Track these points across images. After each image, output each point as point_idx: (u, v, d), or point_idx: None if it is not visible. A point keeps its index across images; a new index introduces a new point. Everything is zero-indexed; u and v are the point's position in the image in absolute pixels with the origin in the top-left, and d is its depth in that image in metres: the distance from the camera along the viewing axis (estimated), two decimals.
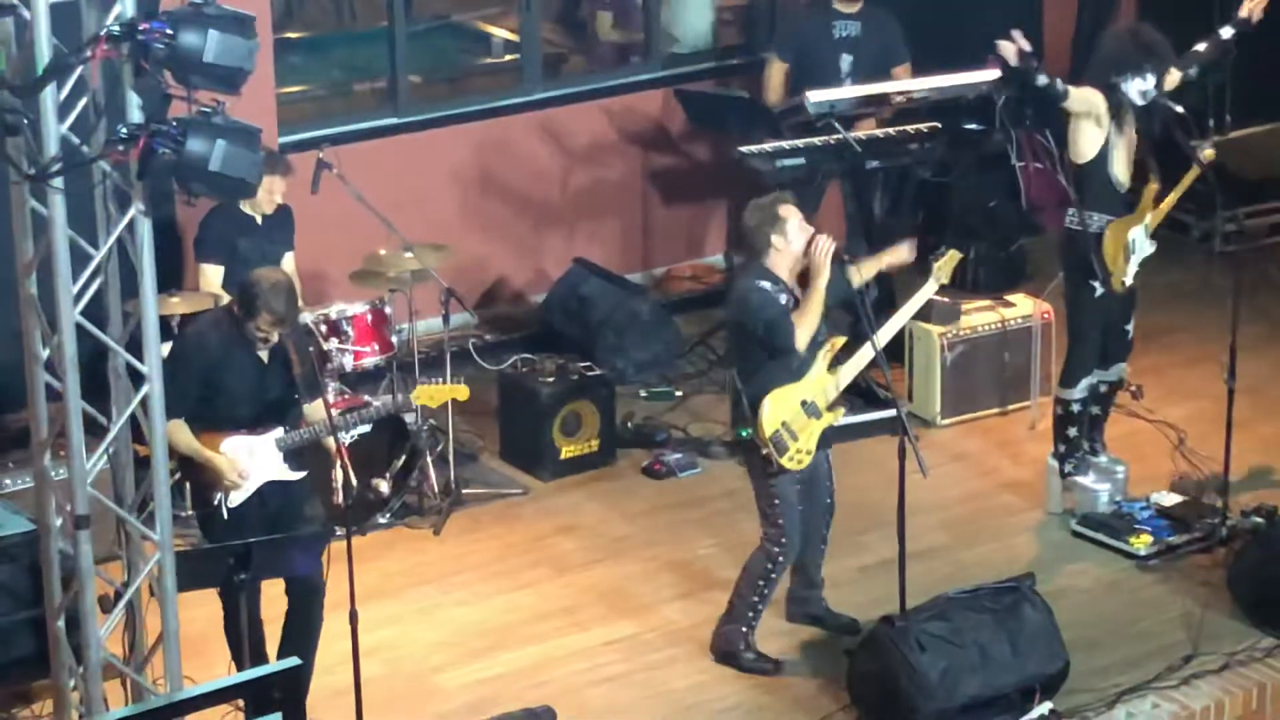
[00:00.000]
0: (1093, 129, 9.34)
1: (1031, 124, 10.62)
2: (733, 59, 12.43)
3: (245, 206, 9.65)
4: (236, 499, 7.99)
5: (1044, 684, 8.21)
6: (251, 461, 7.99)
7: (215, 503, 7.96)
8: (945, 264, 8.80)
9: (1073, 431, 9.73)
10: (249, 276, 7.97)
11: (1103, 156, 9.36)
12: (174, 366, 7.89)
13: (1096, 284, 9.45)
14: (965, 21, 12.39)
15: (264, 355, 7.98)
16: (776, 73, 11.18)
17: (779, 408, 8.32)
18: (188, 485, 8.32)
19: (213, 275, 9.63)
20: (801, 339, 8.30)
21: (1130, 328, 9.74)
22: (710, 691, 8.47)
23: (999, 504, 9.93)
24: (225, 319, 8.02)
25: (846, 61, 11.17)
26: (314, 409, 8.14)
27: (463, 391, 8.56)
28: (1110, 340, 9.69)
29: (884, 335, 8.55)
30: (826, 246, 8.28)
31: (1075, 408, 9.69)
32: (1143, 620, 8.93)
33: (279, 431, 8.06)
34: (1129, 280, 9.51)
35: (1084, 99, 9.31)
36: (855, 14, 11.16)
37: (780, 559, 8.50)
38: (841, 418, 8.56)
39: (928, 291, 8.77)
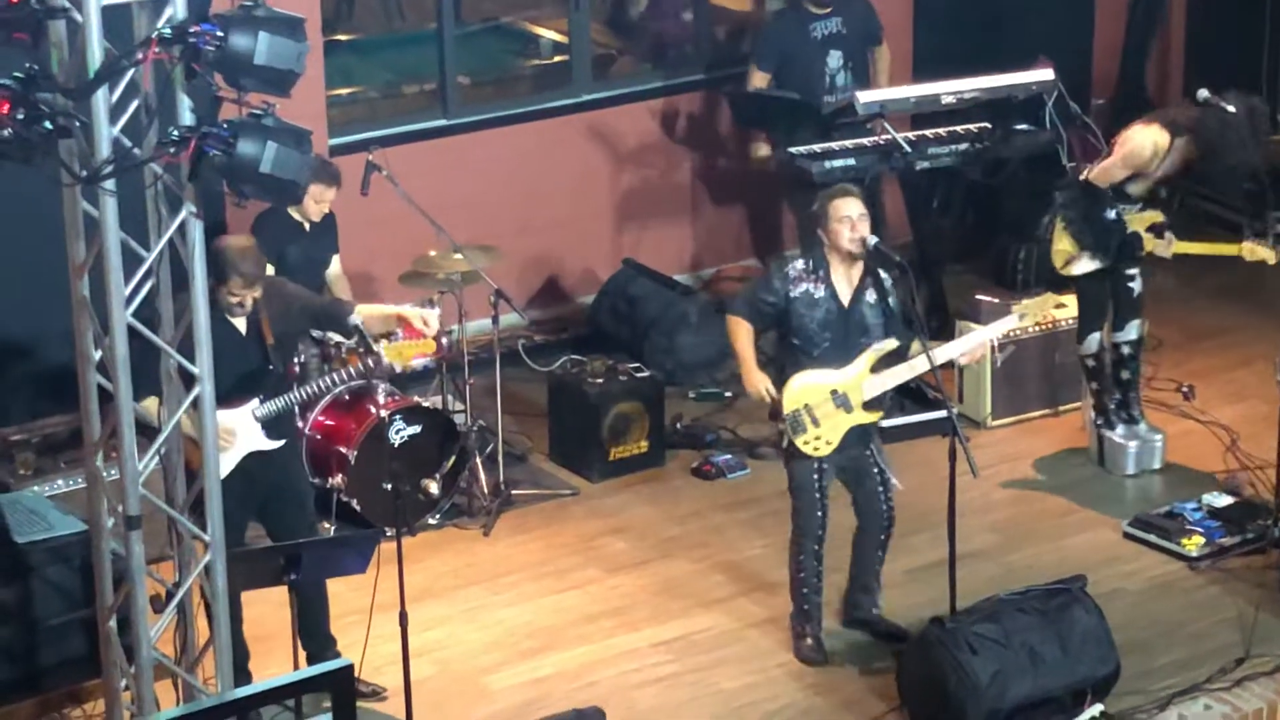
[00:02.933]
0: None
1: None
2: None
3: (294, 213, 9.69)
4: (221, 471, 8.02)
5: (1095, 686, 8.17)
6: (231, 432, 8.07)
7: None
8: (1034, 306, 8.73)
9: (1094, 385, 10.04)
10: (216, 244, 7.99)
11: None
12: (148, 346, 8.00)
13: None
14: (1015, 22, 12.37)
15: (240, 326, 8.09)
16: (758, 81, 11.29)
17: (804, 390, 8.36)
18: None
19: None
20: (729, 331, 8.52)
21: (1135, 286, 9.91)
22: (760, 692, 8.46)
23: (1050, 505, 9.89)
24: None
25: (835, 57, 11.22)
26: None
27: (430, 345, 8.65)
28: (1116, 299, 9.90)
29: (943, 354, 8.57)
30: (754, 388, 8.43)
31: (1090, 363, 10.01)
32: (1195, 622, 8.89)
33: (254, 402, 8.14)
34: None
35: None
36: (829, 11, 11.19)
37: (801, 540, 8.56)
38: (881, 420, 8.55)
39: (1004, 326, 8.74)
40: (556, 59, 12.28)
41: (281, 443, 8.24)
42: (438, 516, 9.74)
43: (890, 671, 8.37)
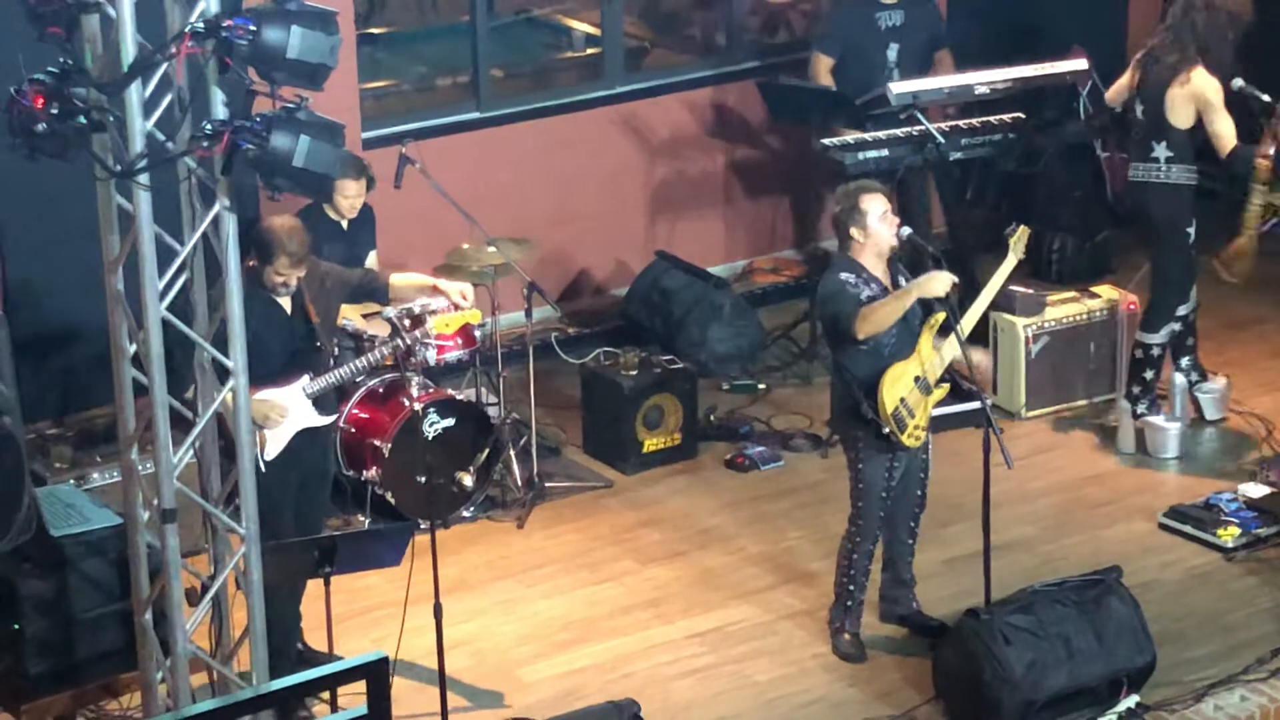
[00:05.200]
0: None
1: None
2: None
3: (329, 213, 9.70)
4: (272, 451, 8.12)
5: (1131, 677, 8.15)
6: (285, 410, 8.15)
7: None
8: (1019, 239, 8.75)
9: (1149, 374, 10.11)
10: (262, 225, 8.12)
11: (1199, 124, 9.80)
12: None
13: (1190, 230, 9.91)
14: (1049, 12, 12.34)
15: (286, 305, 8.15)
16: (822, 67, 11.24)
17: (896, 386, 8.28)
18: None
19: None
20: (864, 332, 8.22)
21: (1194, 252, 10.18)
22: (794, 684, 8.46)
23: (1084, 496, 9.87)
24: (244, 277, 8.08)
25: (893, 50, 11.17)
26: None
27: (475, 315, 8.68)
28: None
29: (970, 318, 8.55)
30: (944, 281, 8.21)
31: (1155, 351, 10.07)
32: (1231, 613, 8.86)
33: (304, 379, 8.19)
34: None
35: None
36: (897, 3, 11.14)
37: (858, 539, 8.50)
38: (947, 391, 8.52)
39: (1007, 267, 8.71)
40: (589, 51, 12.28)
41: (332, 418, 8.37)
42: (472, 509, 9.75)
43: (925, 662, 8.36)
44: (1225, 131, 9.69)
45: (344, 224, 9.76)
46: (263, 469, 8.07)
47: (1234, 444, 10.23)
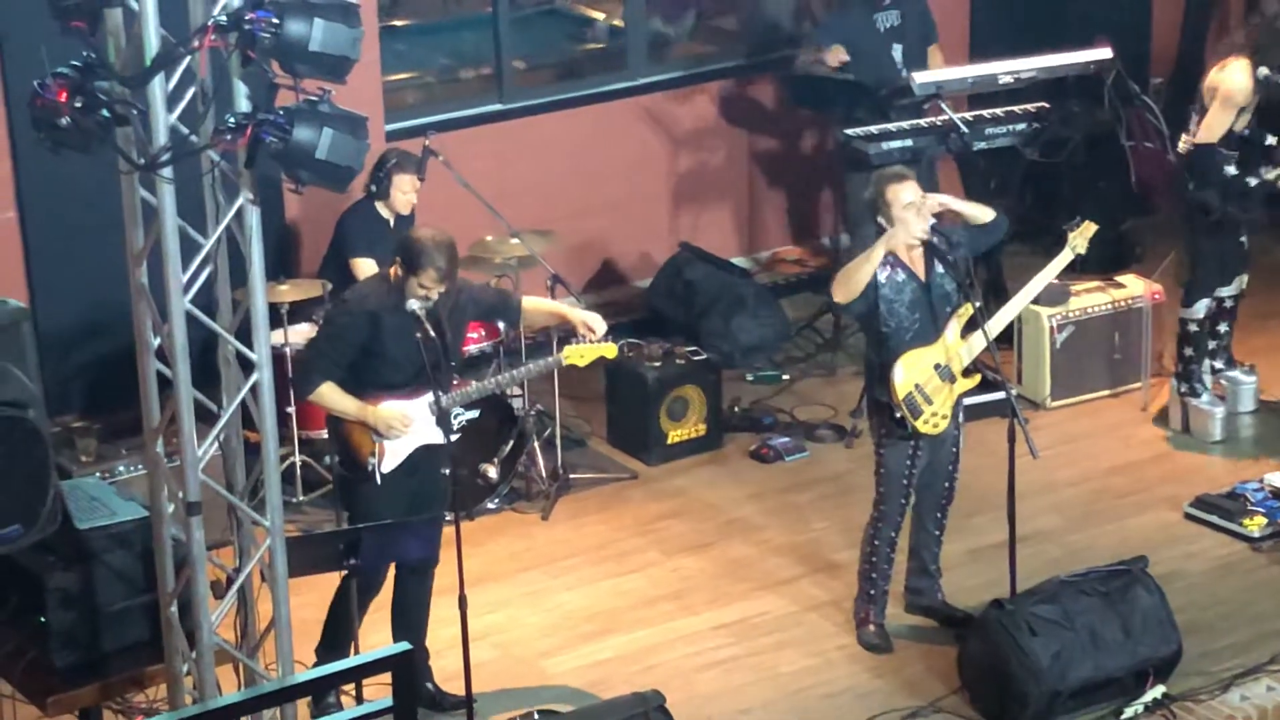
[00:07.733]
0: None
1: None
2: None
3: (382, 209, 9.71)
4: (390, 464, 8.03)
5: (1157, 667, 8.14)
6: (409, 421, 8.06)
7: (369, 468, 8.00)
8: (1080, 234, 8.72)
9: (1189, 351, 10.14)
10: (413, 234, 8.02)
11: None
12: (331, 330, 8.04)
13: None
14: (1073, 1, 12.31)
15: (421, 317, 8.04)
16: (813, 55, 11.19)
17: (911, 370, 8.27)
18: (330, 458, 8.32)
19: (368, 268, 9.62)
20: (837, 294, 8.28)
21: (1245, 240, 10.12)
22: (819, 675, 8.45)
23: (1110, 486, 9.85)
24: (381, 285, 8.06)
25: (897, 50, 11.16)
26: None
27: (611, 350, 8.56)
28: (1229, 255, 10.10)
29: (1009, 311, 8.54)
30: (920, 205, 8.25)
31: (1192, 328, 10.11)
32: (1257, 603, 8.84)
33: (431, 396, 8.10)
34: None
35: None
36: (892, 3, 11.15)
37: (880, 524, 8.49)
38: (976, 383, 8.49)
39: (1062, 262, 8.68)
40: (612, 42, 12.27)
41: (454, 437, 8.20)
42: (496, 501, 9.76)
43: (951, 653, 8.35)
44: (1213, 122, 9.71)
45: (391, 221, 9.76)
46: (378, 481, 8.04)
47: (1259, 433, 10.20)
